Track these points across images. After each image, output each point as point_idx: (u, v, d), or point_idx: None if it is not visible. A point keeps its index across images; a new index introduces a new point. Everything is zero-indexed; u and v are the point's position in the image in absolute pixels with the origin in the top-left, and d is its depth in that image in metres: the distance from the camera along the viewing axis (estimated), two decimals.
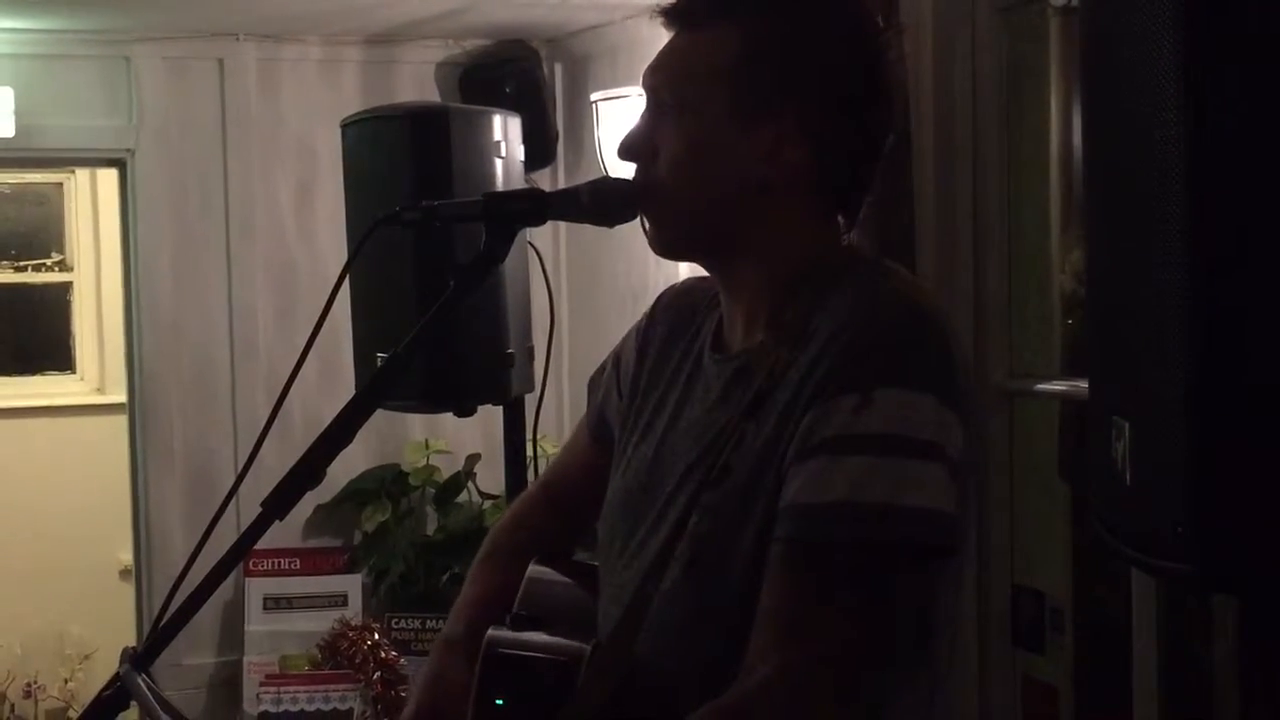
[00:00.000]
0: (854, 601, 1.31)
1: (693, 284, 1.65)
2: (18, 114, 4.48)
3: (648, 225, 1.51)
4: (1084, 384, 1.45)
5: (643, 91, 1.52)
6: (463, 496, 4.71)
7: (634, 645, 1.41)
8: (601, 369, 1.71)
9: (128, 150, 4.68)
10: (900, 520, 1.31)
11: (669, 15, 1.49)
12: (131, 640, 4.87)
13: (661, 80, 1.48)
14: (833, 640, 1.31)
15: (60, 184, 6.70)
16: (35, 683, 6.31)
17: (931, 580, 1.38)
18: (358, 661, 4.34)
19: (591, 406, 1.71)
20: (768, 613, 1.33)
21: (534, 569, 1.62)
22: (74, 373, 6.78)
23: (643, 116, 1.50)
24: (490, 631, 1.50)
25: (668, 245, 1.52)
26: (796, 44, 1.44)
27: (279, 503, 1.38)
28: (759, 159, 1.43)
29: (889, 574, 1.33)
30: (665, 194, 1.47)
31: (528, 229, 1.55)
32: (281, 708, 4.34)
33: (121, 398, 5.10)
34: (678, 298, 1.64)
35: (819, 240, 1.48)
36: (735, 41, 1.44)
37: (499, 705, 1.45)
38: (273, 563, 4.64)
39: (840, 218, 1.51)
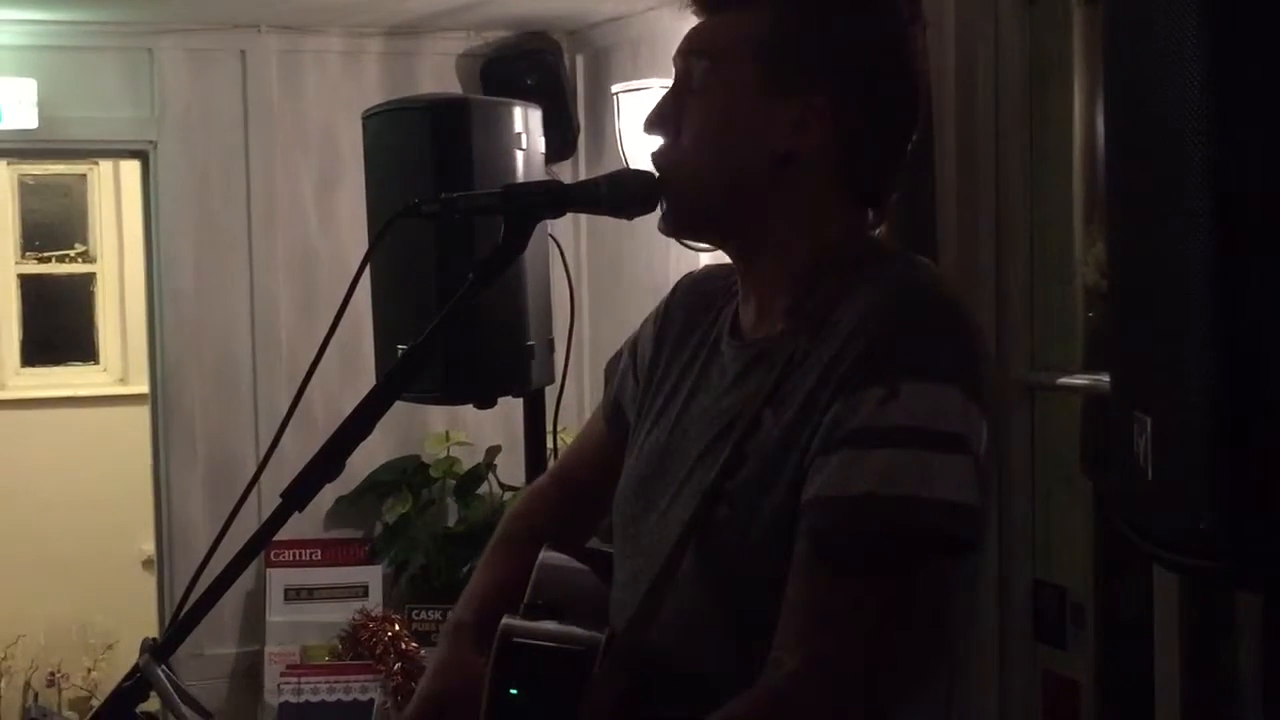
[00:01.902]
0: (880, 593, 1.32)
1: (712, 271, 1.64)
2: (41, 106, 4.50)
3: (664, 203, 1.50)
4: (1106, 377, 1.44)
5: (668, 79, 1.51)
6: (483, 488, 4.71)
7: (650, 634, 1.41)
8: (618, 355, 1.70)
9: (150, 142, 4.69)
10: (926, 513, 1.31)
11: (698, 1, 1.49)
12: (154, 629, 4.89)
13: (690, 58, 1.48)
14: (859, 631, 1.31)
15: (83, 175, 6.73)
16: (59, 671, 6.34)
17: (955, 573, 1.38)
18: (378, 652, 4.36)
19: (608, 393, 1.70)
20: (794, 605, 1.33)
21: (546, 555, 1.61)
22: (97, 363, 6.81)
23: (669, 91, 1.50)
24: (504, 621, 1.49)
25: (683, 222, 1.50)
26: (827, 24, 1.43)
27: (298, 494, 1.38)
28: (783, 135, 1.43)
29: (914, 566, 1.33)
30: (688, 168, 1.46)
31: (549, 221, 1.55)
32: (302, 698, 4.35)
33: (144, 388, 5.12)
34: (696, 284, 1.64)
35: (842, 229, 1.47)
36: (766, 19, 1.44)
37: (513, 695, 1.44)
38: (294, 553, 4.65)
39: (869, 211, 1.50)
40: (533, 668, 1.44)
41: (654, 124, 1.50)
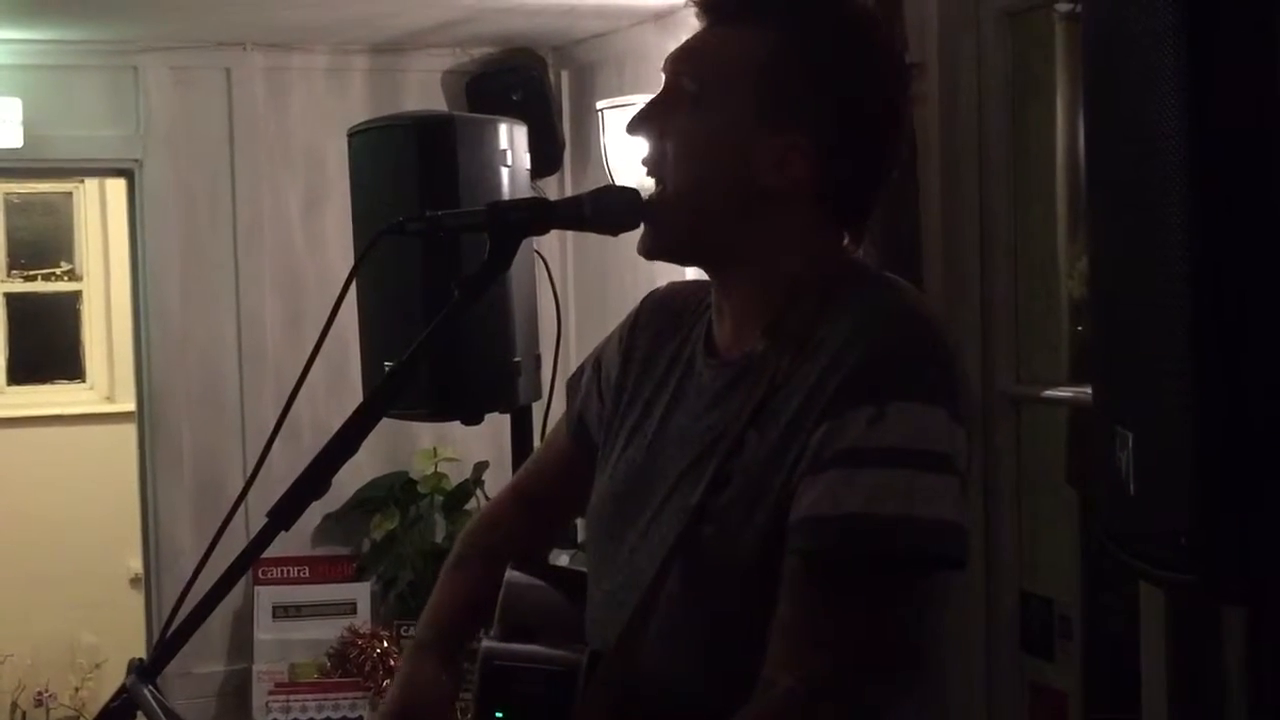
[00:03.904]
0: (871, 612, 1.33)
1: (679, 287, 1.63)
2: (26, 124, 4.50)
3: (644, 226, 1.48)
4: (1090, 391, 1.45)
5: (653, 95, 1.50)
6: (471, 504, 4.71)
7: (636, 653, 1.40)
8: (580, 371, 1.69)
9: (135, 160, 4.69)
10: (915, 532, 1.32)
11: (703, 6, 1.48)
12: (142, 648, 4.88)
13: (686, 67, 1.47)
14: (852, 650, 1.32)
15: (69, 194, 6.72)
16: (46, 691, 6.31)
17: (941, 590, 1.40)
18: (367, 669, 4.35)
19: (570, 408, 1.69)
20: (785, 625, 1.33)
21: (511, 575, 1.60)
22: (84, 381, 6.79)
23: (658, 96, 1.48)
24: (484, 644, 1.49)
25: (662, 245, 1.49)
26: (824, 59, 1.43)
27: (285, 512, 1.38)
28: (765, 169, 1.43)
29: (904, 585, 1.35)
30: (671, 186, 1.46)
31: (535, 237, 1.55)
32: (291, 716, 4.35)
33: (131, 406, 5.11)
34: (664, 300, 1.63)
35: (820, 249, 1.47)
36: (767, 44, 1.43)
37: (499, 718, 1.45)
38: (281, 571, 4.64)
39: (845, 231, 1.50)
40: (517, 690, 1.45)
41: (637, 125, 1.49)
